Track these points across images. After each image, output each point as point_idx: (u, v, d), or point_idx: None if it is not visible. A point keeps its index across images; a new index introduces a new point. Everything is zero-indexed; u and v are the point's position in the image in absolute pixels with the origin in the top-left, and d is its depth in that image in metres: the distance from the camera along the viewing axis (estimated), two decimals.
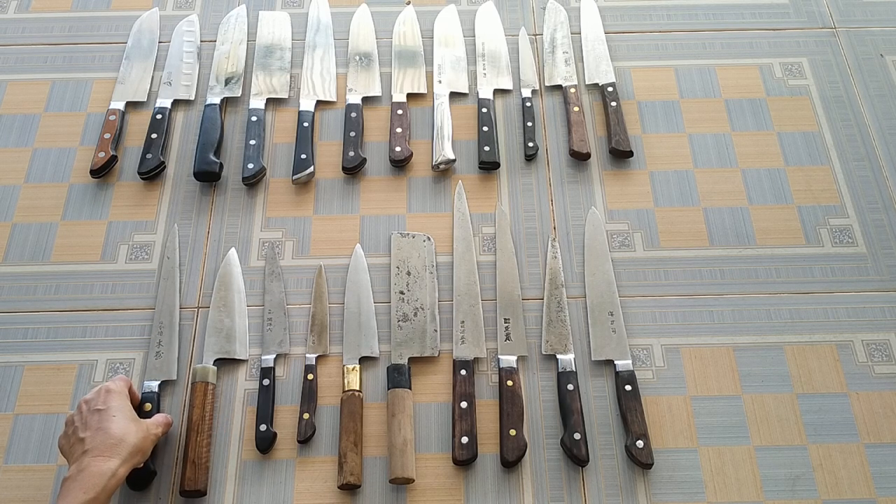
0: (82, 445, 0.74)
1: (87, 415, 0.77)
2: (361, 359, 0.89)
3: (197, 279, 0.95)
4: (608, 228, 0.98)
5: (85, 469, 0.71)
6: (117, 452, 0.73)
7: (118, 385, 0.80)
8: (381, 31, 1.14)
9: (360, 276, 0.94)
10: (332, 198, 1.00)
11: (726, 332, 0.91)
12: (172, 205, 1.00)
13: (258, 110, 1.05)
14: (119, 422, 0.75)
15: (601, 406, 0.86)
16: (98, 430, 0.74)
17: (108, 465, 0.72)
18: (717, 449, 0.84)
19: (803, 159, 1.03)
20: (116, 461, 0.73)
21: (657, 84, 1.09)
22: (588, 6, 1.16)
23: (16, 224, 0.99)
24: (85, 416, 0.77)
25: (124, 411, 0.77)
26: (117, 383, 0.80)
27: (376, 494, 0.82)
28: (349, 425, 0.83)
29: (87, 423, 0.76)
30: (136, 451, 0.75)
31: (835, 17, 1.16)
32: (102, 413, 0.76)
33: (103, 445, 0.73)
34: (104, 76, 1.11)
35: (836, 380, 0.88)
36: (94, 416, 0.76)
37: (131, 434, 0.75)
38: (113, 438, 0.74)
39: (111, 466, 0.72)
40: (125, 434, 0.75)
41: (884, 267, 0.95)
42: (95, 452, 0.73)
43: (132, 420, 0.77)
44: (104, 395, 0.78)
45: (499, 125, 1.06)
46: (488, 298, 0.93)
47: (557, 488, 0.82)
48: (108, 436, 0.74)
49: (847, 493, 0.81)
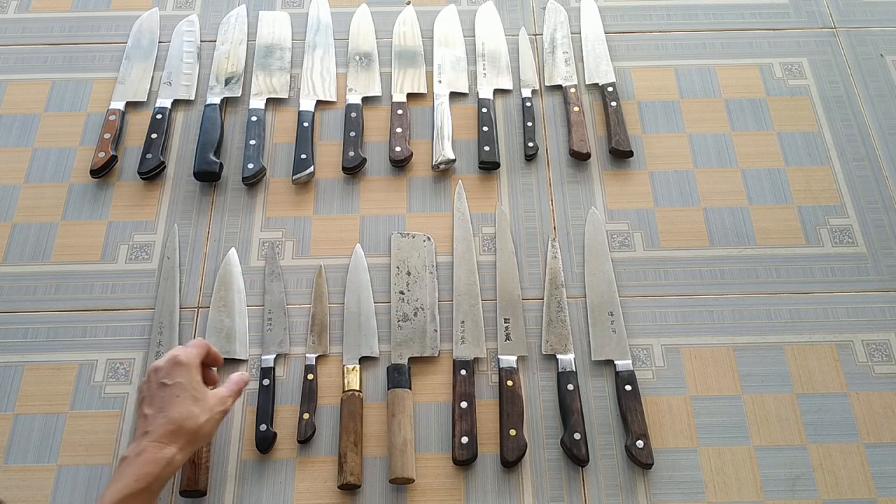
0: (144, 423, 0.70)
1: (154, 388, 0.72)
2: (361, 359, 0.89)
3: (197, 279, 0.95)
4: (608, 228, 0.98)
5: (141, 454, 0.68)
6: (175, 440, 0.69)
7: (188, 356, 0.74)
8: (381, 31, 1.14)
9: (360, 276, 0.94)
10: (332, 198, 1.00)
11: (726, 332, 0.91)
12: (172, 205, 1.00)
13: (258, 110, 1.06)
14: (181, 404, 0.71)
15: (601, 406, 0.86)
16: (159, 412, 0.70)
17: (164, 452, 0.68)
18: (717, 449, 0.84)
19: (803, 159, 1.03)
20: (173, 449, 0.69)
21: (657, 84, 1.09)
22: (588, 6, 1.16)
23: (16, 224, 0.99)
24: (152, 388, 0.72)
25: (189, 390, 0.72)
26: (188, 352, 0.75)
27: (376, 494, 0.82)
28: (349, 425, 0.83)
29: (152, 398, 0.72)
30: (196, 437, 0.71)
31: (835, 17, 1.17)
32: (166, 390, 0.71)
33: (162, 430, 0.69)
34: (104, 76, 1.11)
35: (836, 380, 0.88)
36: (159, 392, 0.71)
37: (192, 419, 0.70)
38: (173, 424, 0.69)
39: (167, 455, 0.68)
40: (186, 418, 0.70)
41: (884, 267, 0.95)
42: (153, 437, 0.69)
43: (195, 401, 0.72)
44: (172, 367, 0.73)
45: (499, 125, 1.06)
46: (488, 298, 0.93)
47: (557, 488, 0.82)
48: (168, 420, 0.70)
49: (847, 493, 0.81)
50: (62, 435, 0.85)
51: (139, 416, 0.72)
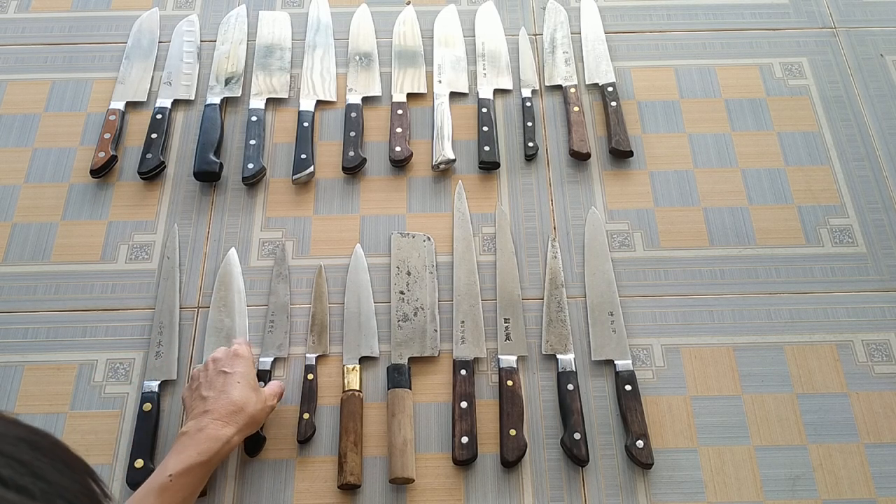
0: (204, 404, 0.75)
1: (212, 374, 0.78)
2: (361, 359, 0.89)
3: (197, 279, 0.95)
4: (608, 228, 0.98)
5: (203, 430, 0.72)
6: (235, 420, 0.74)
7: (246, 350, 0.81)
8: (381, 31, 1.14)
9: (360, 276, 0.94)
10: (332, 198, 1.00)
11: (726, 332, 0.91)
12: (172, 205, 1.00)
13: (258, 110, 1.05)
14: (242, 389, 0.76)
15: (601, 406, 0.86)
16: (221, 394, 0.75)
17: (225, 431, 0.73)
18: (717, 449, 0.84)
19: (803, 159, 1.03)
20: (233, 429, 0.73)
21: (657, 84, 1.09)
22: (588, 6, 1.16)
23: (16, 224, 0.99)
24: (211, 375, 0.78)
25: (248, 379, 0.78)
26: (244, 348, 0.81)
27: (376, 494, 0.82)
28: (349, 425, 0.83)
29: (211, 383, 0.77)
30: (252, 421, 0.76)
31: (835, 17, 1.16)
32: (228, 377, 0.77)
33: (224, 410, 0.74)
34: (104, 76, 1.11)
35: (836, 380, 0.88)
36: (219, 378, 0.77)
37: (251, 404, 0.76)
38: (234, 405, 0.74)
39: (227, 433, 0.73)
40: (246, 403, 0.75)
41: (884, 267, 0.95)
42: (215, 415, 0.73)
43: (253, 389, 0.77)
44: (232, 358, 0.79)
45: (499, 125, 1.06)
46: (488, 298, 0.93)
47: (557, 488, 0.82)
48: (230, 402, 0.75)
49: (847, 493, 0.81)
50: (62, 435, 0.85)
51: (195, 398, 0.76)
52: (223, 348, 0.81)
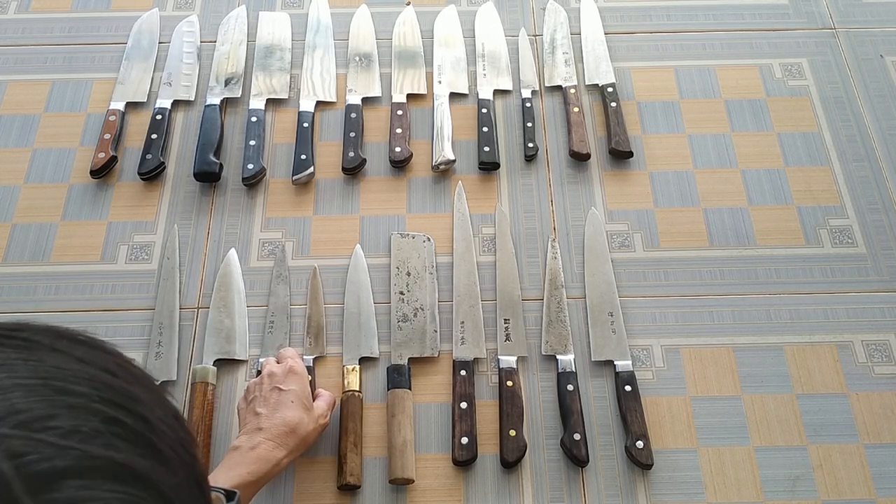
0: (257, 421, 0.74)
1: (267, 390, 0.77)
2: (361, 359, 0.89)
3: (197, 279, 0.95)
4: (608, 229, 0.98)
5: (256, 448, 0.72)
6: (287, 443, 0.74)
7: (300, 367, 0.80)
8: (381, 31, 1.14)
9: (359, 276, 0.94)
10: (332, 198, 1.00)
11: (726, 332, 0.91)
12: (172, 205, 1.00)
13: (258, 111, 1.05)
14: (295, 410, 0.75)
15: (601, 406, 0.86)
16: (274, 412, 0.75)
17: (276, 453, 0.72)
18: (716, 449, 0.84)
19: (803, 160, 1.03)
20: (283, 451, 0.73)
21: (657, 84, 1.09)
22: (588, 7, 1.16)
23: (16, 224, 0.99)
24: (266, 391, 0.77)
25: (302, 398, 0.77)
26: (299, 363, 0.80)
27: (376, 495, 0.82)
28: (349, 426, 0.83)
29: (266, 400, 0.76)
30: (302, 443, 0.76)
31: (835, 17, 1.16)
32: (282, 395, 0.76)
33: (277, 431, 0.74)
34: (104, 76, 1.11)
35: (836, 380, 0.88)
36: (273, 395, 0.76)
37: (303, 426, 0.75)
38: (287, 426, 0.74)
39: (278, 456, 0.72)
40: (298, 425, 0.75)
41: (884, 267, 0.95)
42: (268, 435, 0.73)
43: (306, 410, 0.77)
44: (287, 375, 0.78)
45: (499, 126, 1.06)
46: (488, 299, 0.93)
47: (557, 489, 0.82)
48: (284, 423, 0.74)
49: (847, 494, 0.81)
50: None
51: (249, 413, 0.76)
52: (278, 365, 0.80)
